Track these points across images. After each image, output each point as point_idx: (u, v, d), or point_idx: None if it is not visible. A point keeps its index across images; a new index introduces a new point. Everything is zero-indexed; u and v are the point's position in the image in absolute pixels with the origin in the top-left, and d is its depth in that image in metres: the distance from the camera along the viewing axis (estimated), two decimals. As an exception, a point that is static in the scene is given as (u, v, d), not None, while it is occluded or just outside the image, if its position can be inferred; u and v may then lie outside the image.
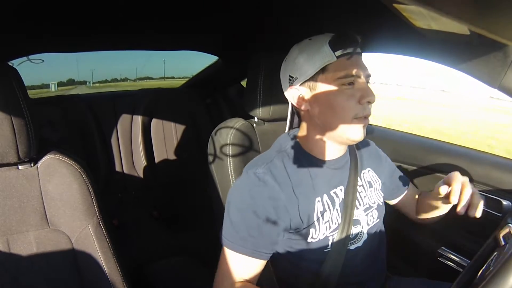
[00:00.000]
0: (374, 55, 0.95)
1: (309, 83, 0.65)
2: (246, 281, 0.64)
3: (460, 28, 0.54)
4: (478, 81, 0.64)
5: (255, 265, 0.64)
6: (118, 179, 1.51)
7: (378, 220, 0.74)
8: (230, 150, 0.88)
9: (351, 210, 0.67)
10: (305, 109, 0.68)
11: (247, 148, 0.91)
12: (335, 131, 0.64)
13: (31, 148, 0.68)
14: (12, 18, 0.84)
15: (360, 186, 0.72)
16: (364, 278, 0.71)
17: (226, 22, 1.15)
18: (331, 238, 0.66)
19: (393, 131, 1.30)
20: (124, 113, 1.54)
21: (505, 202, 0.87)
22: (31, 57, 1.30)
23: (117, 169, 1.51)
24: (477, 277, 0.50)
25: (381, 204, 0.75)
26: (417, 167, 1.08)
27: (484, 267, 0.51)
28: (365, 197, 0.72)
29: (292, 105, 0.71)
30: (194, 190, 1.60)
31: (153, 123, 1.60)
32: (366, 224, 0.71)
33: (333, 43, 0.62)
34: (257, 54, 0.90)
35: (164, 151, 1.62)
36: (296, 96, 0.68)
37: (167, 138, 1.62)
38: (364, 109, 0.62)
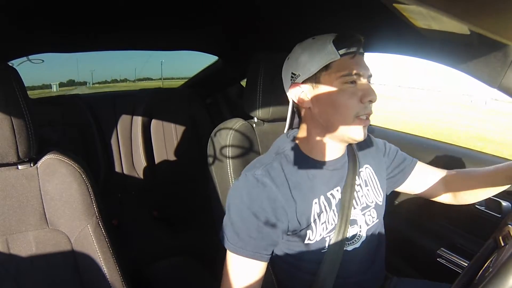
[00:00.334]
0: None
1: (311, 81, 0.65)
2: (251, 285, 0.64)
3: (460, 28, 0.54)
4: (478, 81, 0.64)
5: (256, 267, 0.64)
6: (118, 179, 1.51)
7: (378, 220, 0.73)
8: (229, 151, 0.88)
9: (348, 210, 0.67)
10: (306, 107, 0.67)
11: (247, 149, 0.91)
12: (337, 130, 0.64)
13: (31, 148, 0.68)
14: (12, 18, 0.84)
15: (357, 186, 0.71)
16: (363, 278, 0.70)
17: (226, 22, 1.15)
18: (328, 239, 0.66)
19: (393, 131, 1.29)
20: (124, 113, 1.54)
21: (504, 203, 0.87)
22: (31, 57, 1.30)
23: (117, 169, 1.51)
24: (477, 278, 0.50)
25: (379, 203, 0.74)
26: None
27: (483, 268, 0.51)
28: (362, 196, 0.71)
29: (293, 105, 0.71)
30: (194, 190, 1.59)
31: (153, 123, 1.60)
32: (364, 224, 0.70)
33: (337, 42, 0.63)
34: (257, 54, 0.90)
35: (164, 151, 1.62)
36: (298, 94, 0.67)
37: (167, 138, 1.62)
38: (366, 108, 0.62)
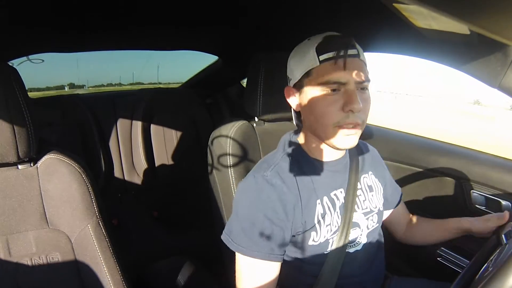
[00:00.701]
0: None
1: (297, 86, 0.65)
2: (268, 286, 0.64)
3: (460, 28, 0.54)
4: (478, 80, 0.64)
5: (272, 268, 0.64)
6: (118, 179, 1.51)
7: (378, 225, 0.74)
8: (230, 151, 0.88)
9: (350, 212, 0.67)
10: (297, 110, 0.68)
11: (248, 149, 0.91)
12: (321, 137, 0.63)
13: (31, 148, 0.68)
14: (12, 18, 0.84)
15: (359, 190, 0.71)
16: (363, 279, 0.71)
17: (226, 22, 1.15)
18: (331, 240, 0.66)
19: (393, 131, 1.29)
20: (124, 113, 1.54)
21: (504, 203, 0.87)
22: (31, 57, 1.30)
23: (117, 169, 1.51)
24: (477, 277, 0.50)
25: (381, 209, 0.74)
26: (417, 167, 1.08)
27: (483, 267, 0.51)
28: (364, 200, 0.71)
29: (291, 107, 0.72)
30: (194, 190, 1.59)
31: (153, 123, 1.59)
32: (366, 227, 0.71)
33: (320, 47, 0.60)
34: (257, 54, 0.90)
35: (164, 151, 1.62)
36: (291, 97, 0.68)
37: (167, 138, 1.62)
38: (347, 117, 0.58)
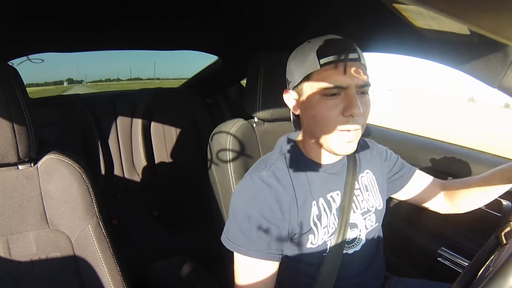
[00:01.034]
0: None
1: (297, 89, 0.64)
2: (267, 285, 0.64)
3: (460, 28, 0.54)
4: (478, 80, 0.64)
5: (270, 267, 0.64)
6: (118, 179, 1.51)
7: (377, 225, 0.73)
8: (229, 152, 0.88)
9: (347, 213, 0.67)
10: (296, 113, 0.67)
11: (247, 148, 0.91)
12: (320, 141, 0.63)
13: (31, 148, 0.68)
14: (12, 17, 0.84)
15: (357, 190, 0.71)
16: (363, 279, 0.71)
17: (226, 22, 1.15)
18: (329, 242, 0.66)
19: (393, 131, 1.30)
20: (124, 113, 1.54)
21: (505, 202, 0.87)
22: (31, 56, 1.30)
23: (117, 169, 1.51)
24: (477, 277, 0.50)
25: (379, 208, 0.74)
26: (416, 166, 1.08)
27: (484, 267, 0.51)
28: (362, 201, 0.71)
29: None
30: (194, 190, 1.60)
31: (153, 123, 1.59)
32: (364, 228, 0.70)
33: (320, 50, 0.58)
34: (257, 54, 0.90)
35: (164, 151, 1.62)
36: (289, 100, 0.67)
37: (167, 138, 1.62)
38: (347, 122, 0.57)
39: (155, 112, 1.60)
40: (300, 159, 0.68)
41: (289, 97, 0.67)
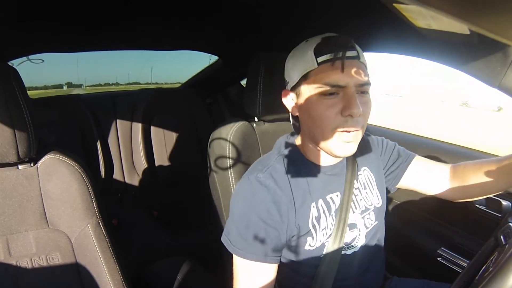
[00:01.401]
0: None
1: (294, 89, 0.63)
2: None
3: (460, 28, 0.54)
4: (478, 80, 0.64)
5: (268, 270, 0.63)
6: (118, 179, 1.51)
7: (377, 223, 0.72)
8: (230, 151, 0.88)
9: (345, 213, 0.66)
10: (295, 114, 0.66)
11: (247, 149, 0.91)
12: (319, 142, 0.61)
13: (31, 148, 0.68)
14: (12, 17, 0.84)
15: (356, 189, 0.70)
16: (362, 280, 0.70)
17: (226, 22, 1.15)
18: (327, 243, 0.65)
19: (393, 131, 1.30)
20: (124, 113, 1.54)
21: (504, 203, 0.87)
22: (31, 57, 1.30)
23: (117, 169, 1.51)
24: (477, 277, 0.50)
25: (378, 206, 0.73)
26: None
27: (483, 267, 0.51)
28: (361, 200, 0.70)
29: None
30: (194, 190, 1.59)
31: (153, 123, 1.59)
32: (364, 227, 0.70)
33: (318, 48, 0.57)
34: (257, 54, 0.90)
35: (164, 151, 1.62)
36: (288, 101, 0.67)
37: (167, 138, 1.62)
38: (346, 122, 0.56)
39: (155, 112, 1.60)
40: (299, 160, 0.68)
41: (288, 99, 0.66)
